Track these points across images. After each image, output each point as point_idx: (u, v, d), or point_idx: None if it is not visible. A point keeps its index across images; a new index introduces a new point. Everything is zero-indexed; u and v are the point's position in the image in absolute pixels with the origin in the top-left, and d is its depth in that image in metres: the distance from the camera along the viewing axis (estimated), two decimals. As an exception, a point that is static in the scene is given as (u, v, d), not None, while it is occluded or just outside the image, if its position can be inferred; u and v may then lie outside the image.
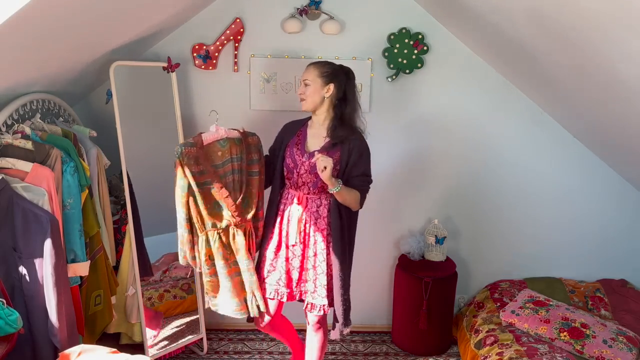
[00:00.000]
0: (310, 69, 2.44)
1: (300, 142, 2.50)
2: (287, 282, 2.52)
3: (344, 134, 2.40)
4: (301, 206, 2.45)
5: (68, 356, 1.93)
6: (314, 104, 2.43)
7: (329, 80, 2.41)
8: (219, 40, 3.05)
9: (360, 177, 2.43)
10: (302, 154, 2.46)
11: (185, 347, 3.13)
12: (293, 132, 2.55)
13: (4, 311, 1.84)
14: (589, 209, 3.36)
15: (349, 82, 2.45)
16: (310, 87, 2.41)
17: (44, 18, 1.83)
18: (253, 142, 2.52)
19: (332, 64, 2.45)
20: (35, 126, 2.42)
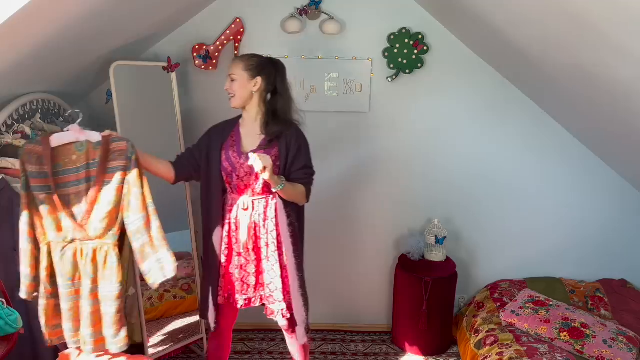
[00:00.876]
0: (236, 63, 2.31)
1: (235, 144, 2.35)
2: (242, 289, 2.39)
3: (279, 129, 2.29)
4: (248, 211, 2.31)
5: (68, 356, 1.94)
6: (242, 100, 2.31)
7: (256, 74, 2.28)
8: (219, 40, 3.05)
9: (302, 170, 2.33)
10: (239, 156, 2.31)
11: (185, 347, 3.14)
12: (224, 134, 2.38)
13: (4, 311, 1.84)
14: (589, 209, 3.36)
15: (279, 74, 2.33)
16: (237, 82, 2.29)
17: (44, 18, 1.83)
18: (118, 149, 2.04)
19: (258, 57, 2.33)
20: (35, 126, 2.42)
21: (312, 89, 3.16)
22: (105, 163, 2.02)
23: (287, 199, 2.31)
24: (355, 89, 3.17)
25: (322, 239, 3.40)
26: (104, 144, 2.03)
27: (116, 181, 2.02)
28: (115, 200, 2.02)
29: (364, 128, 3.26)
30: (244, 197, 2.32)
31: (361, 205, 3.38)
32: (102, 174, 2.01)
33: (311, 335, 2.60)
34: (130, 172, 2.02)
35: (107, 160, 2.03)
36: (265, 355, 3.19)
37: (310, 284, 3.42)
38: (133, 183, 2.01)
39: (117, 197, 2.02)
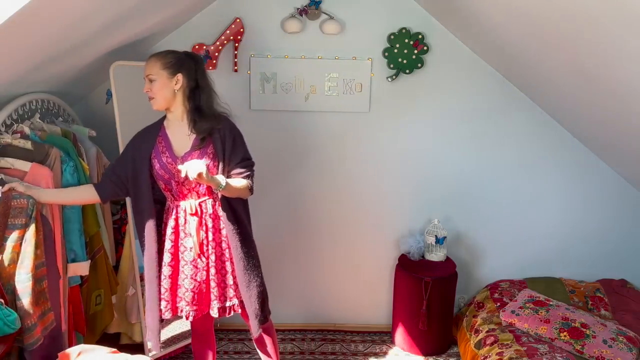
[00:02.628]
0: (152, 62, 2.18)
1: (166, 149, 2.21)
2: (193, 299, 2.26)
3: (209, 125, 2.18)
4: (196, 216, 2.20)
5: (68, 356, 1.94)
6: (165, 101, 2.19)
7: (176, 70, 2.17)
8: (219, 40, 3.05)
9: (241, 163, 2.22)
10: (175, 161, 2.18)
11: (185, 347, 3.13)
12: (149, 141, 2.24)
13: (2, 312, 1.84)
14: (589, 208, 3.36)
15: (199, 68, 2.22)
16: (157, 82, 2.16)
17: (44, 18, 1.83)
18: (19, 205, 2.03)
19: (174, 52, 2.22)
20: (35, 126, 2.42)
21: (312, 89, 3.16)
22: (5, 220, 2.01)
23: (230, 197, 2.21)
24: (355, 89, 3.17)
25: (322, 239, 3.40)
26: (4, 200, 2.01)
27: (13, 239, 2.00)
28: (11, 258, 2.01)
29: (364, 128, 3.26)
30: (189, 201, 2.21)
31: (361, 205, 3.38)
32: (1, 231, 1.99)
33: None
34: (28, 229, 2.02)
35: (9, 217, 2.01)
36: (265, 355, 3.19)
37: (311, 284, 3.45)
38: (29, 241, 2.02)
39: (13, 255, 2.01)
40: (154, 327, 2.30)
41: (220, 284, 2.28)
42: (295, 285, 3.45)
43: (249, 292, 2.29)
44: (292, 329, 3.43)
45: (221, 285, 2.28)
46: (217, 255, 2.26)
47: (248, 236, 2.31)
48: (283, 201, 3.32)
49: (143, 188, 2.23)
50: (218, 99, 2.28)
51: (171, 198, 2.26)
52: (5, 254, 2.00)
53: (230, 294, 2.30)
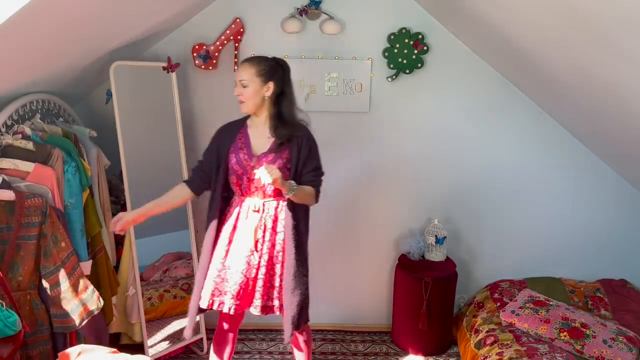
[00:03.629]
0: (246, 68, 2.26)
1: (244, 146, 2.33)
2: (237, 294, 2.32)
3: (289, 132, 2.28)
4: (258, 213, 2.29)
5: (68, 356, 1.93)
6: (255, 106, 2.29)
7: (268, 78, 2.26)
8: (219, 40, 3.05)
9: (312, 172, 2.32)
10: (250, 159, 2.29)
11: (185, 347, 3.14)
12: (232, 135, 2.36)
13: (3, 313, 1.84)
14: (589, 208, 3.36)
15: (286, 76, 2.32)
16: (249, 88, 2.25)
17: (44, 18, 1.83)
18: (34, 205, 2.11)
19: (267, 60, 2.30)
20: (36, 126, 2.42)
21: (312, 89, 3.16)
22: (23, 219, 2.10)
23: (297, 202, 2.29)
24: (355, 89, 3.17)
25: (322, 239, 3.40)
26: (19, 200, 2.09)
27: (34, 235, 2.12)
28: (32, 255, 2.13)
29: (364, 128, 3.26)
30: (254, 199, 2.31)
31: (361, 205, 3.38)
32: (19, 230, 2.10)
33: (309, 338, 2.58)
34: (45, 225, 2.13)
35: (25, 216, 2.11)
36: (265, 355, 3.20)
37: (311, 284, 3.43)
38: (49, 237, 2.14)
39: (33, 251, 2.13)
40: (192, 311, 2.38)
41: (267, 283, 2.35)
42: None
43: (292, 299, 2.33)
44: (292, 329, 3.42)
45: (267, 285, 2.35)
46: (270, 255, 2.33)
47: (302, 244, 2.37)
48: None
49: (219, 179, 2.34)
50: (298, 105, 2.37)
51: (239, 193, 2.35)
52: (24, 252, 2.10)
53: (274, 295, 2.36)
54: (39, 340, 2.17)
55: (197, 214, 3.25)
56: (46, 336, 2.18)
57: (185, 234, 3.09)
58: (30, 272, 2.13)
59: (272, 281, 2.35)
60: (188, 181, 2.41)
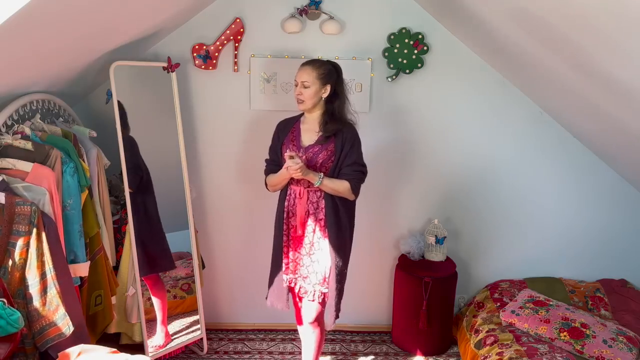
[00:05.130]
0: (308, 71, 2.49)
1: (295, 138, 2.57)
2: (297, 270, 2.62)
3: (335, 127, 2.49)
4: (303, 200, 2.53)
5: (68, 356, 1.93)
6: (313, 105, 2.51)
7: (327, 81, 2.49)
8: (219, 40, 3.05)
9: (351, 166, 2.50)
10: (298, 150, 2.53)
11: (185, 347, 3.14)
12: (287, 129, 2.62)
13: (5, 311, 1.84)
14: (588, 208, 3.36)
15: (340, 79, 2.55)
16: (310, 89, 2.47)
17: (44, 18, 1.82)
18: (23, 212, 2.08)
19: (326, 64, 2.53)
20: (35, 126, 2.41)
21: (312, 89, 3.16)
22: (12, 226, 2.07)
23: (330, 193, 2.48)
24: (355, 89, 3.17)
25: (322, 239, 3.40)
26: (9, 207, 2.06)
27: (22, 244, 2.07)
28: (19, 264, 2.07)
29: (364, 128, 3.24)
30: (299, 187, 2.53)
31: (361, 205, 3.36)
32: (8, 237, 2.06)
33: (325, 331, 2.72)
34: (31, 236, 2.07)
35: (14, 223, 2.07)
36: (265, 355, 3.20)
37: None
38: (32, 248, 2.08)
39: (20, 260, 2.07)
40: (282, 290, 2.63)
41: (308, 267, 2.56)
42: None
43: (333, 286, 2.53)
44: (292, 329, 3.42)
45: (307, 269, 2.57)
46: (311, 241, 2.55)
47: (346, 235, 2.56)
48: (283, 201, 3.32)
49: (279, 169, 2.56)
50: (349, 106, 2.58)
51: (291, 181, 2.56)
52: (13, 260, 2.06)
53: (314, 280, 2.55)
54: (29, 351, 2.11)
55: (197, 214, 3.25)
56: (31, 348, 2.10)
57: (185, 234, 3.09)
58: (17, 281, 2.07)
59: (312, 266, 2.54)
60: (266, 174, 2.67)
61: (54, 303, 2.11)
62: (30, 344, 2.09)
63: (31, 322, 2.09)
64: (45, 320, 2.10)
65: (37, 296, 2.09)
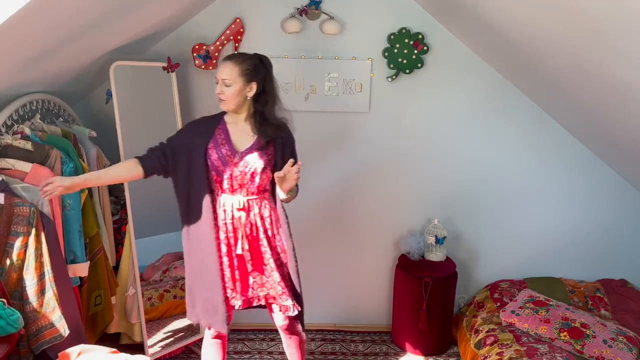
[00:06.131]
0: (229, 66, 2.20)
1: (225, 142, 2.27)
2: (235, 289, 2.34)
3: (273, 132, 2.26)
4: (244, 211, 2.27)
5: (68, 356, 1.93)
6: (236, 105, 2.25)
7: (252, 78, 2.21)
8: (219, 40, 3.05)
9: None
10: (234, 155, 2.25)
11: (185, 347, 3.14)
12: (209, 131, 2.29)
13: (5, 311, 1.85)
14: (589, 209, 3.36)
15: (268, 75, 2.27)
16: (232, 87, 2.20)
17: (44, 18, 1.83)
18: (21, 213, 2.08)
19: (250, 58, 2.24)
20: (35, 126, 2.42)
21: (312, 89, 3.16)
22: (10, 227, 2.06)
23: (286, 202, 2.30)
24: (355, 89, 3.17)
25: (322, 239, 3.40)
26: (7, 208, 2.06)
27: (20, 245, 2.07)
28: (17, 265, 2.07)
29: (364, 128, 3.26)
30: (237, 196, 2.27)
31: (361, 205, 3.38)
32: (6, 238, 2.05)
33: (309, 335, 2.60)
34: (30, 237, 2.07)
35: (12, 224, 2.07)
36: (265, 355, 3.20)
37: (311, 284, 3.43)
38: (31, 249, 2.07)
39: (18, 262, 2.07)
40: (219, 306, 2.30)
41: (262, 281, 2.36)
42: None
43: (298, 294, 2.39)
44: (292, 329, 3.43)
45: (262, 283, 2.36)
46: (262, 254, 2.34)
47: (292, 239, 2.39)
48: (283, 201, 3.32)
49: (199, 175, 2.26)
50: (280, 103, 2.32)
51: (219, 191, 2.30)
52: (11, 260, 2.06)
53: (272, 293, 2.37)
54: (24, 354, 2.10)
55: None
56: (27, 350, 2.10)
57: (185, 234, 3.09)
58: (14, 282, 2.07)
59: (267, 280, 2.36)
60: (142, 159, 2.27)
61: (51, 305, 2.11)
62: (25, 346, 2.08)
63: (27, 323, 2.08)
64: (42, 322, 2.10)
65: (34, 297, 2.08)
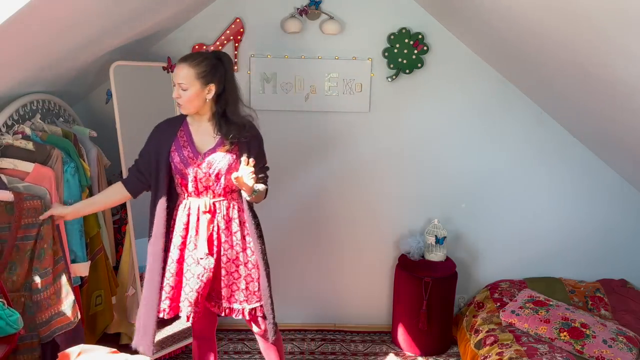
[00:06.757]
0: (185, 70, 2.10)
1: (187, 144, 2.20)
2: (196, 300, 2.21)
3: (237, 131, 2.17)
4: (209, 214, 2.19)
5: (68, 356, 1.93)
6: (195, 108, 2.16)
7: (209, 80, 2.12)
8: (219, 40, 3.05)
9: (262, 169, 2.28)
10: (196, 156, 2.17)
11: (186, 347, 3.13)
12: (172, 133, 2.23)
13: (4, 312, 1.85)
14: (589, 209, 3.36)
15: (228, 73, 2.18)
16: (189, 91, 2.10)
17: (44, 18, 1.83)
18: (33, 206, 2.10)
19: (207, 59, 2.14)
20: (36, 127, 2.42)
21: (312, 89, 3.16)
22: (22, 220, 2.08)
23: (253, 202, 2.24)
24: (355, 89, 3.17)
25: (322, 239, 3.40)
26: (18, 202, 2.08)
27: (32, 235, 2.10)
28: (29, 256, 2.10)
29: (364, 128, 3.26)
30: (203, 199, 2.20)
31: (361, 205, 3.38)
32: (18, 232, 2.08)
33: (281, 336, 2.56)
34: (42, 228, 2.11)
35: (24, 217, 2.09)
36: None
37: (311, 284, 3.45)
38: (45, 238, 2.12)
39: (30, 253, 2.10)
40: (150, 327, 2.26)
41: (231, 286, 2.28)
42: (294, 285, 3.45)
43: (270, 299, 2.31)
44: (291, 329, 3.43)
45: (231, 287, 2.28)
46: (230, 258, 2.25)
47: (263, 240, 2.32)
48: (282, 201, 3.32)
49: (160, 180, 2.22)
50: (242, 102, 2.25)
51: (185, 194, 2.24)
52: (22, 253, 2.09)
53: (241, 297, 2.29)
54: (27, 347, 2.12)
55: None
56: (35, 342, 2.13)
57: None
58: (24, 273, 2.11)
59: (237, 283, 2.28)
60: (125, 181, 2.28)
61: (64, 290, 2.16)
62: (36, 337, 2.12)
63: (38, 312, 2.11)
64: (54, 309, 2.14)
65: (48, 284, 2.12)
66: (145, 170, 2.25)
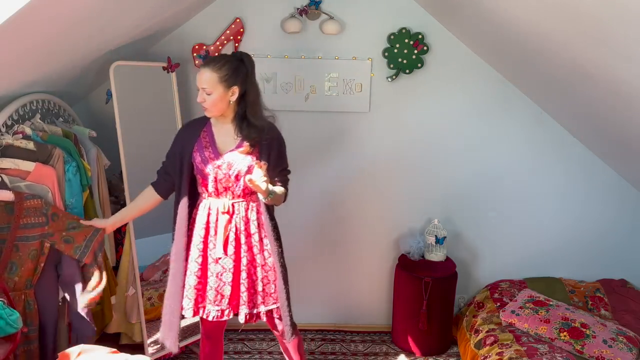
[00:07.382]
0: (207, 74, 2.13)
1: (209, 144, 2.24)
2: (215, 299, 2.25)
3: (259, 135, 2.20)
4: (227, 214, 2.22)
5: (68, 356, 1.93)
6: (220, 112, 2.20)
7: (232, 83, 2.15)
8: (219, 40, 3.05)
9: (282, 172, 2.30)
10: (217, 157, 2.20)
11: (185, 347, 3.13)
12: (195, 134, 2.27)
13: (4, 311, 1.85)
14: (589, 208, 3.36)
15: (250, 75, 2.20)
16: (213, 95, 2.14)
17: (44, 18, 1.82)
18: (33, 206, 2.11)
19: (229, 62, 2.16)
20: (36, 126, 2.41)
21: (312, 89, 3.16)
22: (22, 220, 2.10)
23: (271, 204, 2.27)
24: (355, 89, 3.17)
25: (322, 239, 3.40)
26: (18, 202, 2.09)
27: (34, 235, 2.12)
28: (33, 255, 2.12)
29: (364, 128, 3.26)
30: (222, 199, 2.23)
31: (361, 205, 3.38)
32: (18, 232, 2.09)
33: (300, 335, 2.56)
34: (54, 223, 2.14)
35: (24, 217, 2.10)
36: (265, 355, 3.20)
37: (311, 284, 3.44)
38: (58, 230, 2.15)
39: (35, 251, 2.12)
40: (174, 323, 2.30)
41: (250, 289, 2.28)
42: (294, 285, 3.41)
43: (287, 300, 2.33)
44: (292, 329, 3.43)
45: (250, 290, 2.28)
46: (249, 259, 2.27)
47: (281, 244, 2.35)
48: (283, 201, 3.32)
49: (184, 180, 2.26)
50: (262, 103, 2.26)
51: (206, 194, 2.27)
52: (22, 252, 2.09)
53: (259, 300, 2.30)
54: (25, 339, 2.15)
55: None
56: (33, 335, 2.16)
57: (185, 234, 3.08)
58: (27, 272, 2.12)
59: (255, 286, 2.29)
60: (154, 183, 2.34)
61: None
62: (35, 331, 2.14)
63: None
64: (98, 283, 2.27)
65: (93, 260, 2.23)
66: (171, 171, 2.29)
